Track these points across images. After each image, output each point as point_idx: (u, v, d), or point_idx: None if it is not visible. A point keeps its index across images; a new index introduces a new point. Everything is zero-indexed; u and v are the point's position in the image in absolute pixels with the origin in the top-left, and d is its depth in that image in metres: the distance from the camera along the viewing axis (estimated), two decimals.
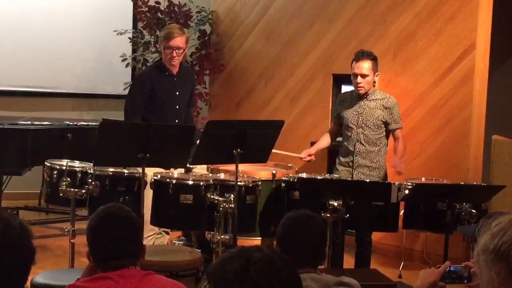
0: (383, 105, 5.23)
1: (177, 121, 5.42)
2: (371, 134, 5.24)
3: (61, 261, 5.30)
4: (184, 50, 5.41)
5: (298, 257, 2.51)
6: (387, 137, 5.33)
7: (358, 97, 5.27)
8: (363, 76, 5.16)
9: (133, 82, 5.57)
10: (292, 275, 1.74)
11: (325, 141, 5.56)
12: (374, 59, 5.22)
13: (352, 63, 5.24)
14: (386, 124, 5.25)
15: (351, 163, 5.27)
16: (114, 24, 7.92)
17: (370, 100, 5.25)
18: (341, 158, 5.37)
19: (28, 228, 1.81)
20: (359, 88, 5.21)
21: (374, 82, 5.29)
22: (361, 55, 5.21)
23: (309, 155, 5.45)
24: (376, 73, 5.24)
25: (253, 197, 4.87)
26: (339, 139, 5.52)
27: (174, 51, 5.29)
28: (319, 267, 2.90)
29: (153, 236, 5.27)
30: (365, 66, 5.16)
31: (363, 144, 5.23)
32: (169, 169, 4.99)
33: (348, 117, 5.31)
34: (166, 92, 5.38)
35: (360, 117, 5.24)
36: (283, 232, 2.82)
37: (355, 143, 5.25)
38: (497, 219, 1.81)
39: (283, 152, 5.54)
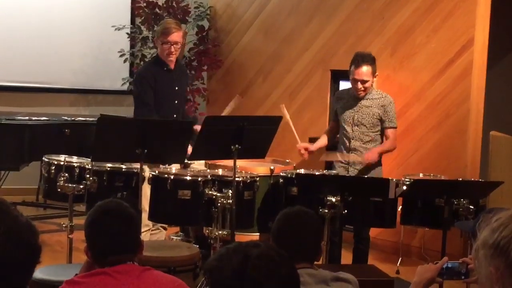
0: (379, 104, 5.22)
1: (175, 116, 5.41)
2: (367, 132, 5.23)
3: (59, 257, 5.29)
4: (181, 45, 5.41)
5: (293, 253, 2.50)
6: (382, 135, 5.32)
7: (355, 96, 5.26)
8: (364, 82, 5.15)
9: (138, 80, 5.50)
10: (290, 270, 1.74)
11: (323, 140, 5.54)
12: (373, 62, 5.17)
13: (350, 67, 5.18)
14: (382, 122, 5.24)
15: (346, 161, 5.27)
16: (112, 20, 7.91)
17: (367, 99, 5.24)
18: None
19: (35, 226, 1.80)
20: (359, 93, 5.19)
21: (372, 82, 5.28)
22: (360, 61, 5.12)
23: (305, 149, 5.40)
24: (375, 75, 5.23)
25: (251, 193, 4.87)
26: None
27: (172, 46, 5.28)
28: (317, 263, 2.90)
29: (147, 231, 5.27)
30: (365, 71, 5.11)
31: (358, 142, 5.23)
32: (170, 164, 4.99)
33: (345, 114, 5.30)
34: (167, 87, 5.37)
35: (356, 115, 5.23)
36: (278, 229, 2.81)
37: (350, 140, 5.25)
38: (497, 214, 1.81)
39: (292, 126, 5.48)
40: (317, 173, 5.15)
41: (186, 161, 4.96)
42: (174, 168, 5.03)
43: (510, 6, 7.12)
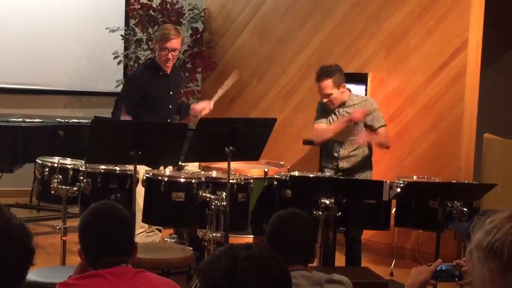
0: (361, 108, 5.21)
1: (168, 120, 5.42)
2: (353, 138, 5.22)
3: (52, 259, 5.27)
4: (179, 52, 5.41)
5: (287, 255, 2.50)
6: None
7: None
8: (327, 95, 5.15)
9: (128, 81, 5.51)
10: (280, 272, 1.73)
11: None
12: (334, 74, 5.13)
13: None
14: (366, 126, 5.23)
15: (335, 167, 5.27)
16: (106, 22, 7.90)
17: (349, 106, 5.24)
18: (326, 162, 5.37)
19: (28, 228, 1.80)
20: (330, 105, 5.21)
21: (348, 89, 5.26)
22: (319, 75, 5.15)
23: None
24: (342, 85, 5.18)
25: (245, 195, 4.87)
26: None
27: (170, 53, 5.27)
28: (311, 265, 2.90)
29: (143, 234, 5.26)
30: (326, 86, 5.12)
31: (345, 149, 5.23)
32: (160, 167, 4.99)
33: (329, 124, 5.29)
34: (161, 92, 5.37)
35: None
36: (272, 231, 2.82)
37: (338, 149, 5.25)
38: (491, 216, 1.81)
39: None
40: (311, 176, 5.15)
41: (180, 163, 4.95)
42: (168, 170, 5.03)
43: (503, 8, 7.13)
